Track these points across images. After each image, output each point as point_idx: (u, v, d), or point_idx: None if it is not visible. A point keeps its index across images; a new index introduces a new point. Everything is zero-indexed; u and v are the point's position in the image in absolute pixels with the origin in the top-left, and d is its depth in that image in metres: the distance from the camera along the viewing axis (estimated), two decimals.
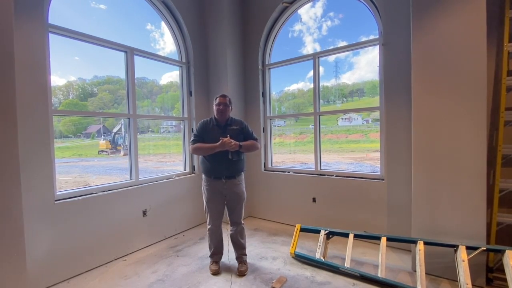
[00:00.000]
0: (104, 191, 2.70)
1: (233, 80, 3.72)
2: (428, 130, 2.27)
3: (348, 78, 3.71)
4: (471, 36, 2.08)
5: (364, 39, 3.13)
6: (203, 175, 2.45)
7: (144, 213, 3.01)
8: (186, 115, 3.71)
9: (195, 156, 3.70)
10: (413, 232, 2.38)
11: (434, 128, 2.25)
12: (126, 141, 4.19)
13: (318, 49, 3.51)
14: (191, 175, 3.67)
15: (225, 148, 2.22)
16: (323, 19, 3.51)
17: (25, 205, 2.04)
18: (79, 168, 5.27)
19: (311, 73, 3.45)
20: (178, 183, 3.43)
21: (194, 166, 3.73)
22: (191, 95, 3.70)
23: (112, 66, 3.33)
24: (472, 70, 2.08)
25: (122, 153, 4.49)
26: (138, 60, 3.11)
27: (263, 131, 3.88)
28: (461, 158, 2.14)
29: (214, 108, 2.40)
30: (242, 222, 2.50)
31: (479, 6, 2.04)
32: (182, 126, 3.75)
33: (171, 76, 3.95)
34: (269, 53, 3.89)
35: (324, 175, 3.33)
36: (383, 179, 2.91)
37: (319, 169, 3.42)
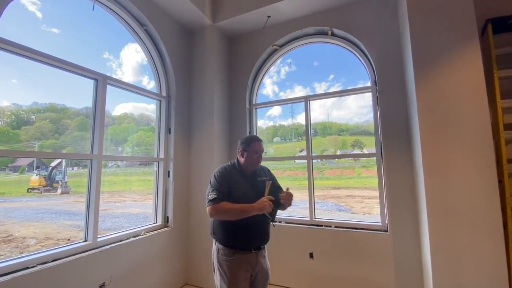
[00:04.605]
0: (46, 263, 1.93)
1: (219, 118, 3.38)
2: (441, 183, 2.19)
3: (303, 119, 3.82)
4: (471, 89, 2.17)
5: (316, 84, 3.32)
6: (219, 246, 1.73)
7: None
8: (162, 155, 3.15)
9: (170, 206, 3.08)
10: None
11: (446, 181, 2.18)
12: (65, 177, 3.45)
13: (277, 90, 3.61)
14: (164, 229, 2.99)
15: (263, 211, 1.62)
16: (281, 64, 3.63)
17: None
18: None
19: (269, 112, 3.60)
20: (148, 241, 2.73)
21: (167, 217, 3.08)
22: (169, 133, 3.20)
23: (58, 92, 2.79)
24: (476, 122, 2.14)
25: (59, 191, 3.61)
26: (89, 86, 2.55)
27: None
28: (477, 212, 2.07)
29: (245, 154, 1.80)
30: None
31: (476, 66, 2.17)
32: (156, 169, 3.15)
33: (126, 107, 3.56)
34: (256, 92, 3.72)
35: (322, 226, 3.02)
36: (386, 231, 2.72)
37: (314, 219, 3.11)
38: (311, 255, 2.96)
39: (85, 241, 2.29)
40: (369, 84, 3.08)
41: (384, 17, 2.88)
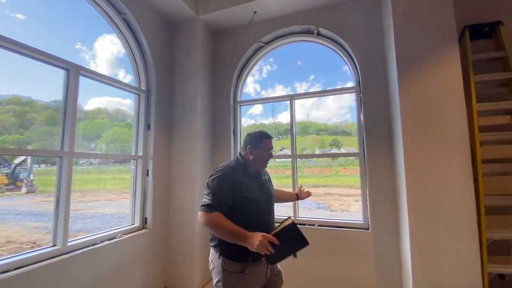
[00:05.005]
0: (7, 272, 1.73)
1: (202, 114, 3.26)
2: (421, 183, 2.26)
3: (283, 118, 3.89)
4: (450, 93, 2.25)
5: (297, 84, 3.38)
6: (224, 260, 1.48)
7: None
8: (140, 153, 2.98)
9: (149, 206, 2.92)
10: None
11: (426, 180, 2.25)
12: (31, 175, 3.19)
13: (258, 89, 3.63)
14: (142, 231, 2.83)
15: (255, 250, 1.29)
16: (263, 63, 3.62)
17: None
18: None
19: (250, 111, 3.70)
20: (124, 244, 2.57)
21: (146, 218, 2.92)
22: (149, 129, 3.03)
23: (23, 83, 2.55)
24: (455, 124, 2.22)
25: (24, 190, 3.32)
26: (59, 77, 2.34)
27: None
28: (454, 210, 2.16)
29: (254, 152, 1.61)
30: None
31: (455, 70, 2.26)
32: (134, 167, 2.98)
33: (100, 101, 3.35)
34: (241, 89, 3.64)
35: (305, 224, 3.02)
36: (367, 229, 2.78)
37: (298, 218, 3.10)
38: (294, 254, 2.94)
39: (53, 245, 2.10)
40: (348, 85, 3.17)
41: (369, 19, 2.92)
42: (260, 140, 1.62)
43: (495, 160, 2.35)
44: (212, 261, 1.56)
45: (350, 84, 3.15)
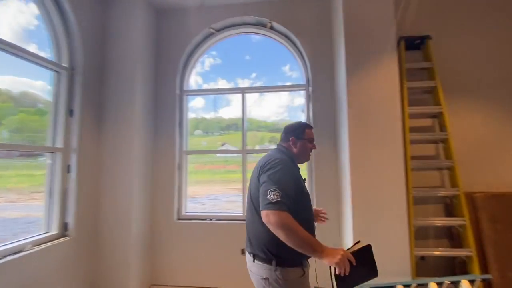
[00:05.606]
0: None
1: (142, 102, 2.86)
2: (364, 176, 2.42)
3: (225, 113, 3.88)
4: (389, 95, 2.47)
5: (239, 80, 3.47)
6: (282, 271, 1.28)
7: None
8: (59, 145, 2.43)
9: (71, 209, 2.42)
10: None
11: (367, 174, 2.42)
12: None
13: (200, 82, 3.55)
14: (61, 239, 2.32)
15: (334, 265, 1.17)
16: (205, 55, 3.50)
17: None
18: None
19: (191, 103, 3.50)
20: (38, 258, 2.05)
21: (66, 223, 2.41)
22: (71, 115, 2.50)
23: None
24: (392, 124, 2.45)
25: None
26: None
27: (178, 169, 3.12)
28: (389, 201, 2.38)
29: (298, 144, 1.50)
30: None
31: (393, 76, 2.48)
32: (50, 161, 2.41)
33: (2, 82, 2.65)
34: (188, 78, 3.33)
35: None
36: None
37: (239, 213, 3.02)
38: (243, 252, 2.87)
39: None
40: (287, 84, 3.31)
41: (320, 18, 3.00)
42: (303, 131, 1.51)
43: (420, 157, 2.70)
44: (262, 277, 1.31)
45: (288, 84, 3.32)
